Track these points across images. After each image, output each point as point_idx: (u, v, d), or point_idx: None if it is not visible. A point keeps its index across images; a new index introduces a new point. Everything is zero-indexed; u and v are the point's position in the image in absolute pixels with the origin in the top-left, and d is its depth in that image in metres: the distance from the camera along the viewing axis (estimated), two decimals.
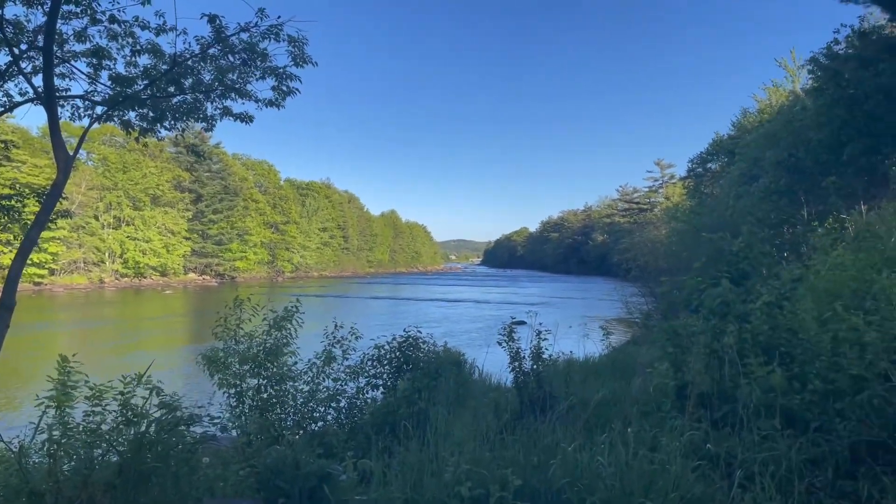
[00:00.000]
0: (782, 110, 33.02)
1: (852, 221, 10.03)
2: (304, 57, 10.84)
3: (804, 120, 24.27)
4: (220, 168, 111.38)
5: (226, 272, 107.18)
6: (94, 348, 34.48)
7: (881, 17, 23.14)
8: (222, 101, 11.31)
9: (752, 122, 45.43)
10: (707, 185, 48.14)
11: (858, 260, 6.90)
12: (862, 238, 8.35)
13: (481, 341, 28.31)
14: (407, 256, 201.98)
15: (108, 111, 10.91)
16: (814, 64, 24.34)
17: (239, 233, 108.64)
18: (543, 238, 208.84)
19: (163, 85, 10.87)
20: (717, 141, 49.50)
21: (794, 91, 43.84)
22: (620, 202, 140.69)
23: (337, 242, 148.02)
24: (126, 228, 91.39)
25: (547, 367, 9.58)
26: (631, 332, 28.65)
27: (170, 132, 11.80)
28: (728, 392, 6.15)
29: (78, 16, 10.43)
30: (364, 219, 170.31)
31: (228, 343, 9.69)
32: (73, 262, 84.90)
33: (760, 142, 30.60)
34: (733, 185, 32.22)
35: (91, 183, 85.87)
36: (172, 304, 65.04)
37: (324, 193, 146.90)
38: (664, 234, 53.30)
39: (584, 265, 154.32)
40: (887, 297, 6.04)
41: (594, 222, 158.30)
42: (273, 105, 11.46)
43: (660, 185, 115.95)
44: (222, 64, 10.81)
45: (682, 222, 39.02)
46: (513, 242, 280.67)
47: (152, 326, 45.33)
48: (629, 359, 14.20)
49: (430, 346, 11.41)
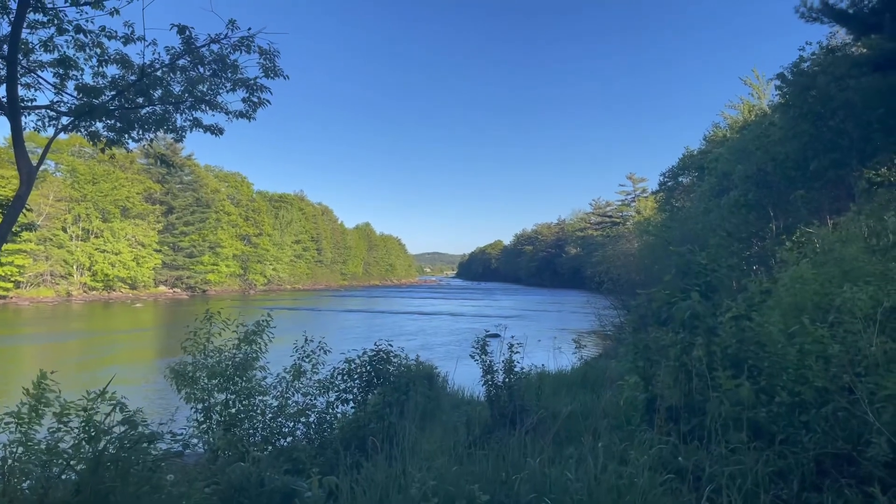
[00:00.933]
0: (750, 125, 33.60)
1: (818, 235, 10.20)
2: (275, 69, 10.80)
3: (772, 135, 24.72)
4: (192, 180, 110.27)
5: (197, 285, 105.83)
6: (60, 363, 33.76)
7: (846, 36, 23.71)
8: (192, 112, 11.20)
9: (721, 136, 46.19)
10: (678, 199, 48.75)
11: (820, 274, 7.01)
12: (823, 252, 8.50)
13: (455, 354, 28.24)
14: (381, 269, 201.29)
15: (75, 122, 10.74)
16: (781, 80, 24.84)
17: (211, 245, 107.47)
18: (518, 251, 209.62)
19: (131, 96, 10.74)
20: (688, 155, 50.23)
21: (761, 107, 44.68)
22: (593, 215, 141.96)
23: (310, 255, 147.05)
24: (95, 240, 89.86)
25: (519, 380, 9.57)
26: (603, 345, 28.80)
27: (138, 143, 11.65)
28: (697, 405, 6.18)
29: (45, 25, 10.28)
30: (338, 231, 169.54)
31: (197, 357, 9.54)
32: (39, 274, 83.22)
33: (730, 156, 31.09)
34: (703, 199, 32.67)
35: (59, 194, 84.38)
36: (142, 317, 64.01)
37: (297, 205, 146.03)
38: (636, 247, 53.94)
39: (557, 278, 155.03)
40: (849, 310, 6.13)
41: (568, 235, 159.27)
42: (244, 117, 11.39)
43: (632, 198, 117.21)
44: (192, 75, 10.72)
45: (654, 235, 39.50)
46: (487, 255, 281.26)
47: (121, 340, 44.54)
48: (601, 372, 14.25)
49: (402, 360, 11.33)
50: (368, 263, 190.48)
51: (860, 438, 5.20)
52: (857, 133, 19.69)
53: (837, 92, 19.56)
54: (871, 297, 6.17)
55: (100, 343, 42.58)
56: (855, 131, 19.74)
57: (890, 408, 5.05)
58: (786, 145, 22.67)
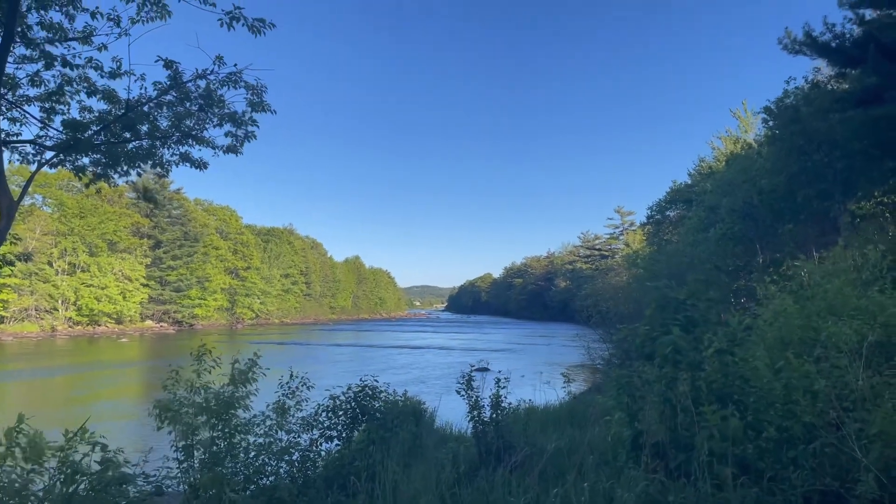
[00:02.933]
0: (737, 158, 33.98)
1: (803, 269, 10.23)
2: (262, 104, 10.82)
3: (759, 167, 24.99)
4: (181, 214, 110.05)
5: (184, 319, 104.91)
6: (42, 400, 33.25)
7: (830, 71, 24.16)
8: (179, 147, 11.19)
9: (708, 169, 46.68)
10: (666, 232, 49.03)
11: (805, 308, 7.01)
12: (808, 286, 8.52)
13: (443, 388, 28.01)
14: (370, 303, 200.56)
15: (60, 156, 10.69)
16: (767, 113, 25.22)
17: (199, 279, 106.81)
18: (507, 284, 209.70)
19: (118, 130, 10.71)
20: (676, 189, 50.65)
21: (747, 140, 45.26)
22: (582, 248, 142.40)
23: (299, 289, 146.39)
24: (81, 275, 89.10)
25: (506, 415, 9.46)
26: (592, 379, 28.65)
27: (123, 178, 11.59)
28: (683, 441, 6.10)
29: (32, 60, 10.29)
30: (327, 265, 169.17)
31: (183, 394, 9.37)
32: (24, 309, 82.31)
33: (717, 189, 31.36)
34: (691, 232, 32.83)
35: (46, 228, 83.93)
36: (127, 352, 63.26)
37: (286, 239, 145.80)
38: (625, 280, 54.05)
39: (547, 311, 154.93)
40: (835, 344, 6.11)
41: (557, 268, 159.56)
42: (231, 151, 11.38)
43: (620, 231, 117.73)
44: (179, 110, 10.72)
45: (642, 269, 39.60)
46: (477, 288, 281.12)
47: (105, 376, 43.92)
48: (588, 406, 14.14)
49: (389, 395, 11.19)
50: (358, 297, 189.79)
51: (848, 475, 5.14)
52: (841, 166, 19.94)
53: (821, 126, 19.84)
54: (857, 332, 6.16)
55: (83, 379, 41.97)
56: (839, 165, 19.99)
57: (878, 445, 5.01)
58: (772, 178, 22.92)
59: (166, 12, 9.90)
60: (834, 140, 19.49)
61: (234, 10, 9.36)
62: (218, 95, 10.51)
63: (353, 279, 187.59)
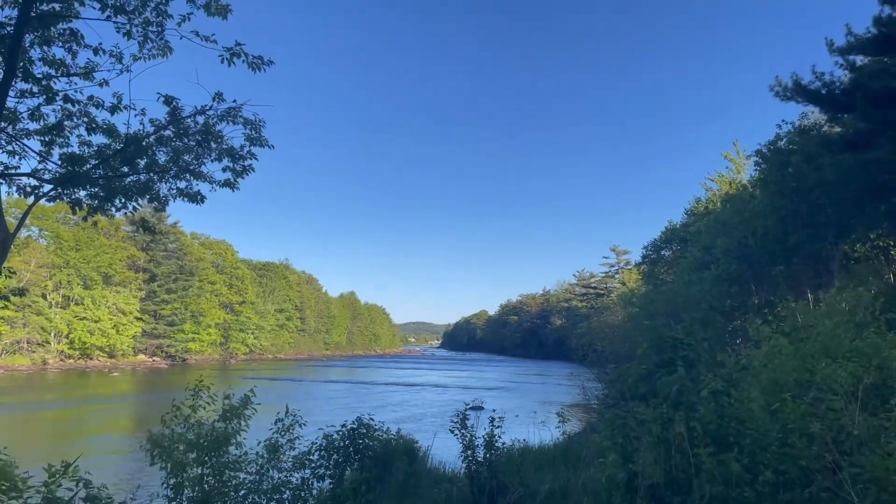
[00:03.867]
0: (731, 199, 34.26)
1: (797, 310, 10.25)
2: (260, 139, 10.90)
3: (752, 209, 25.19)
4: (177, 248, 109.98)
5: (177, 354, 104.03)
6: (30, 435, 32.81)
7: (820, 116, 24.54)
8: (176, 181, 11.23)
9: (703, 209, 46.99)
10: (661, 271, 49.15)
11: (799, 349, 7.01)
12: (803, 328, 8.53)
13: (437, 427, 27.72)
14: (365, 339, 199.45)
15: (57, 189, 10.72)
16: (759, 156, 25.54)
17: (193, 313, 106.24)
18: (503, 321, 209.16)
19: (116, 164, 10.77)
20: (671, 228, 50.92)
21: (740, 181, 45.69)
22: (578, 287, 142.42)
23: (294, 324, 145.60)
24: (75, 308, 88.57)
25: (500, 455, 9.37)
26: (587, 419, 28.42)
27: (120, 211, 11.61)
28: (679, 483, 6.04)
29: (33, 94, 10.38)
30: (322, 300, 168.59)
31: (175, 429, 9.27)
32: (16, 342, 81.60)
33: (711, 230, 31.54)
34: (686, 272, 32.92)
35: (41, 261, 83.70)
36: (118, 387, 62.62)
37: (281, 274, 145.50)
38: (620, 319, 53.98)
39: (542, 349, 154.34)
40: (830, 386, 6.09)
41: (552, 306, 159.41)
42: (229, 186, 11.41)
43: (616, 270, 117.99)
44: (178, 145, 10.79)
45: (637, 308, 39.60)
46: (472, 325, 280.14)
47: (95, 411, 43.41)
48: (582, 447, 14.02)
49: (382, 433, 11.09)
50: (352, 333, 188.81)
51: None
52: (833, 209, 20.10)
53: (813, 170, 20.07)
54: (852, 374, 6.15)
55: (73, 414, 41.48)
56: (831, 207, 20.16)
57: (873, 489, 4.96)
58: (765, 219, 23.09)
59: (168, 49, 10.04)
60: (825, 183, 19.70)
61: (235, 47, 9.51)
62: (216, 131, 10.60)
63: (348, 315, 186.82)
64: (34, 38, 9.74)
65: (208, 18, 9.62)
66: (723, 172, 50.48)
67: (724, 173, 50.31)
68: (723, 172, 50.48)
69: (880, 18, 18.07)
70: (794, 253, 22.23)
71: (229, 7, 9.64)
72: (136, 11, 9.57)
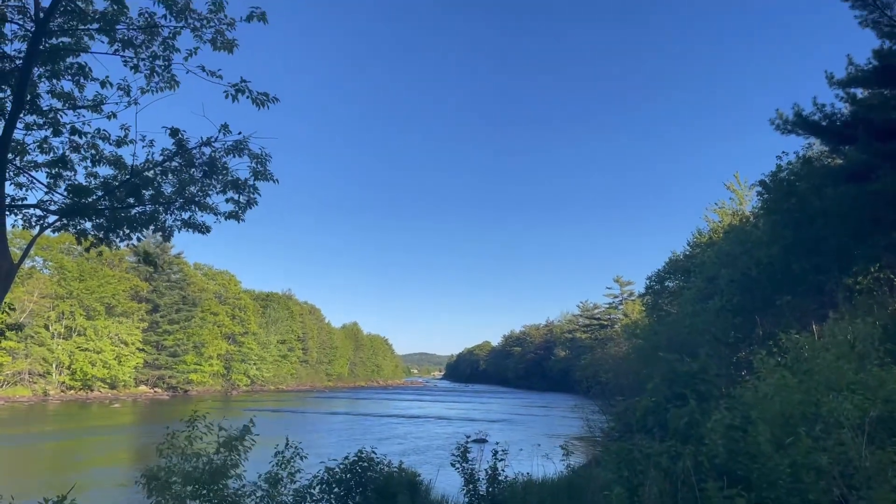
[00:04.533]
0: (734, 230, 34.28)
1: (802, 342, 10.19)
2: (265, 173, 10.96)
3: (756, 240, 25.17)
4: (180, 278, 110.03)
5: (178, 385, 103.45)
6: (29, 467, 32.54)
7: (821, 147, 24.68)
8: (182, 213, 11.28)
9: (706, 240, 47.00)
10: (665, 302, 48.99)
11: (804, 382, 6.95)
12: (807, 360, 8.47)
13: (440, 459, 27.45)
14: (367, 370, 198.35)
15: (63, 220, 10.78)
16: (762, 186, 25.61)
17: (195, 344, 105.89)
18: (506, 352, 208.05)
19: (122, 195, 10.83)
20: (674, 259, 50.89)
21: (742, 212, 45.76)
22: (581, 318, 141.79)
23: (296, 355, 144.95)
24: (77, 339, 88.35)
25: (503, 489, 9.26)
26: (592, 452, 28.12)
27: (125, 242, 11.65)
28: None
29: (41, 127, 10.50)
30: (325, 331, 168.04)
31: (172, 461, 9.18)
32: (17, 373, 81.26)
33: (715, 260, 31.50)
34: (690, 303, 32.80)
35: (44, 291, 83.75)
36: (119, 418, 62.21)
37: (284, 304, 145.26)
38: (624, 350, 53.67)
39: (546, 380, 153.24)
40: (837, 420, 6.04)
41: (556, 337, 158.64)
42: (233, 218, 11.45)
43: (619, 301, 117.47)
44: (184, 177, 10.86)
45: (641, 339, 39.41)
46: (475, 356, 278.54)
47: (95, 443, 43.08)
48: (587, 481, 13.83)
49: (384, 466, 10.98)
50: (355, 364, 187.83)
51: None
52: (835, 240, 20.09)
53: (816, 200, 20.11)
54: (857, 407, 6.09)
55: (73, 446, 41.17)
56: (833, 238, 20.15)
57: None
58: (769, 249, 23.05)
59: (175, 83, 10.18)
60: (828, 214, 19.72)
61: (240, 84, 9.64)
62: (222, 163, 10.68)
63: (351, 346, 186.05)
64: (43, 72, 9.89)
65: (214, 52, 9.79)
66: (725, 203, 50.59)
67: (726, 203, 50.41)
68: (725, 203, 50.59)
69: (881, 51, 18.26)
70: (798, 284, 22.16)
71: (235, 42, 9.79)
72: (143, 45, 9.73)
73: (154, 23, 9.40)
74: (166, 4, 9.19)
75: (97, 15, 9.30)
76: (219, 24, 9.51)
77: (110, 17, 9.16)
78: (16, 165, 10.63)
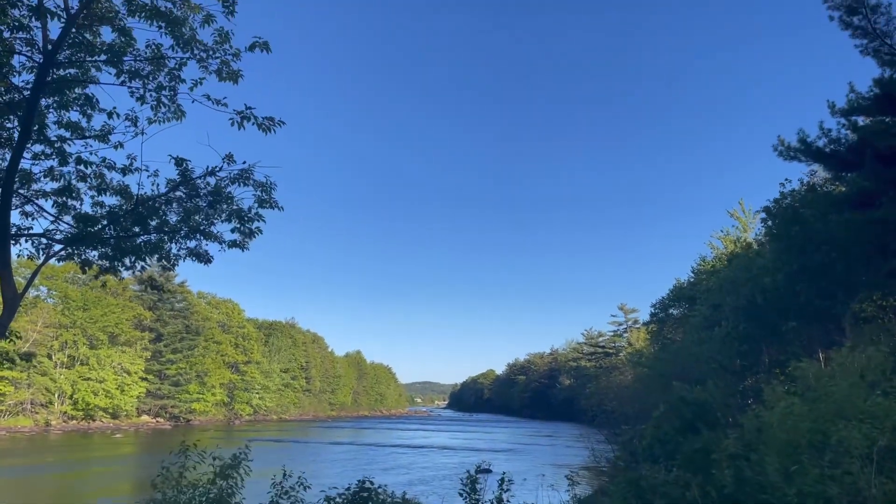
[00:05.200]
0: (738, 257, 34.22)
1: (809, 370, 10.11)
2: (270, 201, 10.99)
3: (761, 267, 25.11)
4: (184, 307, 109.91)
5: (181, 414, 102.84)
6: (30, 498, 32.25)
7: (825, 173, 24.70)
8: (186, 241, 11.31)
9: (710, 267, 46.90)
10: (669, 330, 48.78)
11: (812, 410, 6.88)
12: (815, 388, 8.39)
13: (444, 490, 27.16)
14: (371, 399, 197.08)
15: (68, 249, 10.82)
16: (767, 213, 25.60)
17: (198, 373, 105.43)
18: (510, 381, 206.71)
19: (127, 224, 10.87)
20: (678, 287, 50.75)
21: (746, 239, 45.72)
22: (586, 346, 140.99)
23: (299, 384, 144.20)
24: (80, 368, 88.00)
25: None
26: (598, 481, 27.80)
27: (130, 270, 11.67)
28: None
29: (48, 157, 10.59)
30: (328, 359, 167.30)
31: (169, 494, 9.08)
32: (19, 402, 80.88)
33: (719, 288, 31.40)
34: (695, 331, 32.65)
35: (48, 321, 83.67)
36: (121, 449, 61.78)
37: (287, 333, 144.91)
38: (629, 379, 53.32)
39: (551, 409, 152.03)
40: (845, 449, 5.96)
41: (561, 366, 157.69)
42: (238, 247, 11.46)
43: (624, 329, 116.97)
44: (189, 206, 10.90)
45: (646, 367, 39.16)
46: (479, 385, 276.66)
47: (96, 474, 42.72)
48: None
49: (387, 497, 10.84)
50: (358, 393, 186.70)
51: None
52: (841, 267, 20.03)
53: (821, 227, 20.08)
54: (866, 436, 6.02)
55: (74, 477, 40.85)
56: (840, 265, 20.09)
57: None
58: (774, 276, 22.98)
59: (181, 113, 10.30)
60: (833, 240, 19.69)
61: (245, 111, 9.73)
62: (227, 192, 10.72)
63: (354, 374, 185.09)
64: (51, 102, 10.01)
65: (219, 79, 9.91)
66: (729, 230, 50.59)
67: (730, 231, 50.40)
68: (729, 230, 50.59)
69: (882, 80, 18.38)
70: (804, 310, 22.06)
71: (240, 72, 9.91)
72: (150, 76, 9.86)
73: (161, 54, 9.53)
74: (173, 35, 9.32)
75: (105, 47, 9.44)
76: (224, 54, 9.64)
77: (118, 49, 9.29)
78: (22, 195, 10.71)
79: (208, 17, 9.42)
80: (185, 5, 9.30)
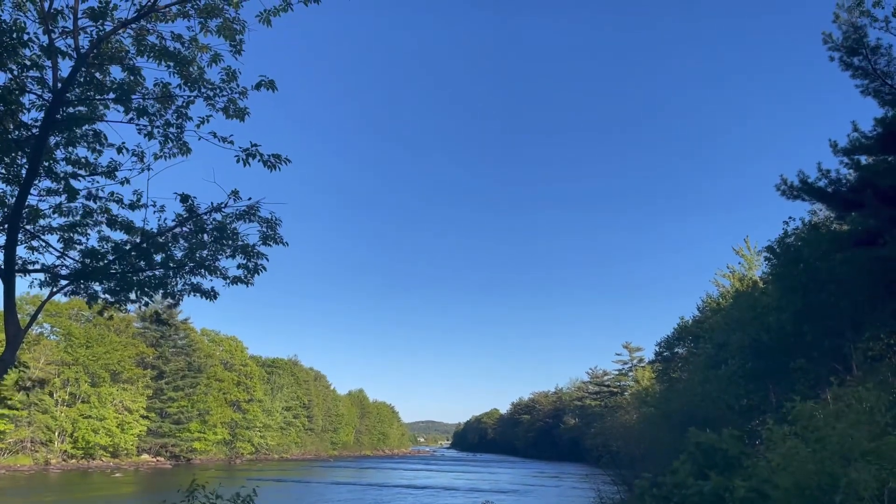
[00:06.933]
0: (743, 295, 34.07)
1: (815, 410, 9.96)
2: (275, 237, 11.02)
3: (765, 304, 25.01)
4: (186, 344, 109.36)
5: (182, 453, 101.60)
6: None
7: (828, 213, 24.73)
8: (191, 277, 11.33)
9: (714, 305, 46.71)
10: (675, 369, 48.40)
11: (818, 452, 6.76)
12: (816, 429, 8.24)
13: None
14: (373, 438, 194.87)
15: (73, 284, 10.85)
16: (770, 252, 25.59)
17: (199, 412, 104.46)
18: (514, 420, 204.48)
19: (133, 260, 10.90)
20: (683, 326, 50.50)
21: (751, 277, 45.57)
22: (591, 384, 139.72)
23: (301, 422, 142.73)
24: (81, 406, 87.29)
25: None
26: None
27: (135, 305, 11.68)
28: None
29: (56, 193, 10.68)
30: (330, 398, 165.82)
31: None
32: (19, 441, 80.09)
33: (724, 326, 31.23)
34: (700, 369, 32.39)
35: (50, 358, 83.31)
36: (121, 488, 60.98)
37: (290, 371, 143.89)
38: (635, 418, 52.71)
39: (556, 449, 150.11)
40: (856, 492, 5.85)
41: (565, 405, 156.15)
42: (242, 282, 11.46)
43: (629, 367, 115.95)
44: (194, 242, 10.94)
45: (652, 407, 38.76)
46: (483, 425, 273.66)
47: None
48: None
49: None
50: (360, 432, 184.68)
51: None
52: (847, 305, 19.94)
53: (824, 266, 20.05)
54: (876, 478, 5.90)
55: None
56: (845, 303, 20.00)
57: None
58: (779, 314, 22.88)
59: (187, 149, 10.40)
60: (838, 279, 19.64)
61: (251, 148, 9.82)
62: (232, 228, 10.76)
63: (356, 413, 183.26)
64: (60, 139, 10.12)
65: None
66: (734, 267, 50.47)
67: (735, 268, 50.28)
68: (734, 267, 50.47)
69: (884, 119, 18.53)
70: (810, 349, 21.89)
71: (247, 110, 10.03)
72: (157, 114, 9.99)
73: (169, 92, 9.66)
74: (182, 75, 9.46)
75: (114, 85, 9.57)
76: (231, 92, 9.77)
77: (127, 88, 9.42)
78: (29, 231, 10.78)
79: (216, 56, 9.58)
80: (194, 45, 9.46)
